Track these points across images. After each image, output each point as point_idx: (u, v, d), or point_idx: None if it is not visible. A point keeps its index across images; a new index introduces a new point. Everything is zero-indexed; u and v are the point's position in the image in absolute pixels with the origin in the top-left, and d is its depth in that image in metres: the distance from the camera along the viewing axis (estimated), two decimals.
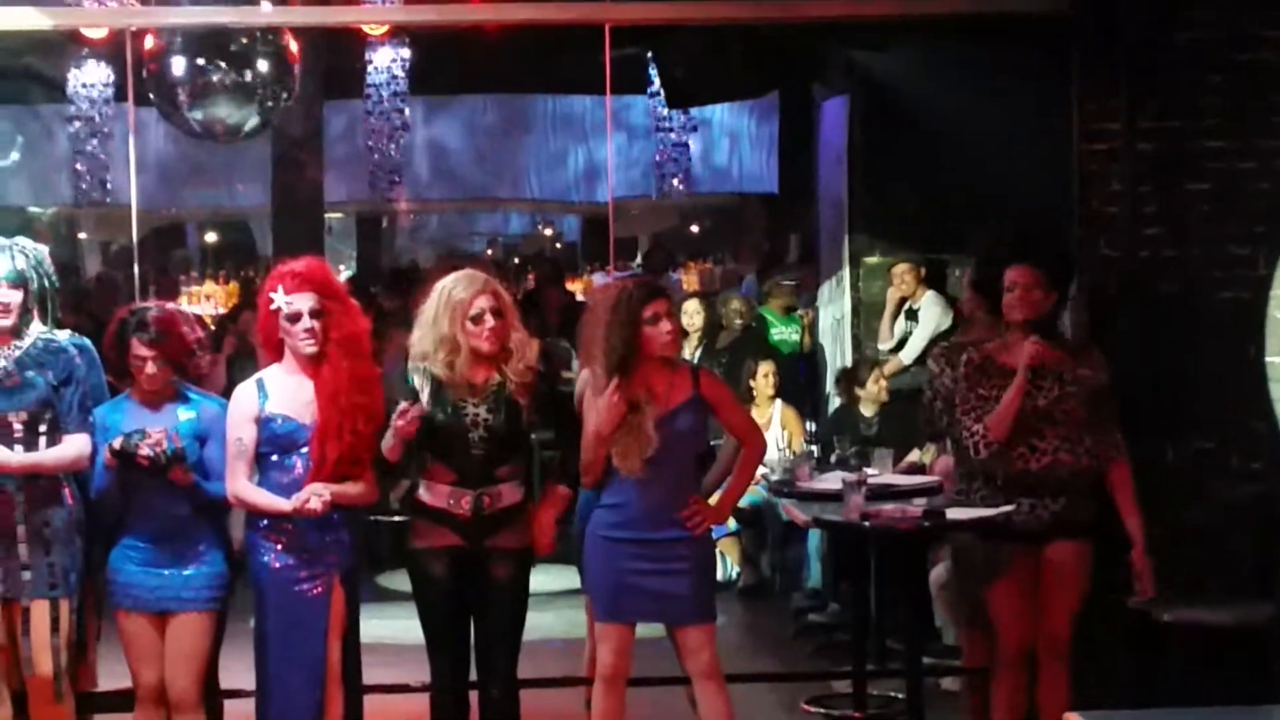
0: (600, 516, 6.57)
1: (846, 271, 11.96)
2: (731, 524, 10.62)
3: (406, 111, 15.42)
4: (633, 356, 6.42)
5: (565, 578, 9.78)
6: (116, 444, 6.27)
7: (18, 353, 6.50)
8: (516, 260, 23.11)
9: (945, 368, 6.98)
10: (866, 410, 10.32)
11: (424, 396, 6.42)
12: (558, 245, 25.24)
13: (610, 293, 6.59)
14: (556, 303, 14.97)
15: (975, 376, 6.79)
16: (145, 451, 6.23)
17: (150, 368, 6.43)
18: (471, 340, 6.39)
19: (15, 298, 6.48)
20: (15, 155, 15.74)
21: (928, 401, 7.06)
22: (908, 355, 10.88)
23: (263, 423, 6.39)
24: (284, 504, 6.32)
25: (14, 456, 6.38)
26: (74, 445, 6.50)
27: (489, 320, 6.40)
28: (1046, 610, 6.77)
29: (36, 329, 6.58)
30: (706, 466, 7.14)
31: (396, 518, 11.13)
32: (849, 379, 10.62)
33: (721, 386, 6.78)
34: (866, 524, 7.06)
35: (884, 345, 11.23)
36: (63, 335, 6.63)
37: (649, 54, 13.47)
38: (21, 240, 6.65)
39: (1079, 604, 6.80)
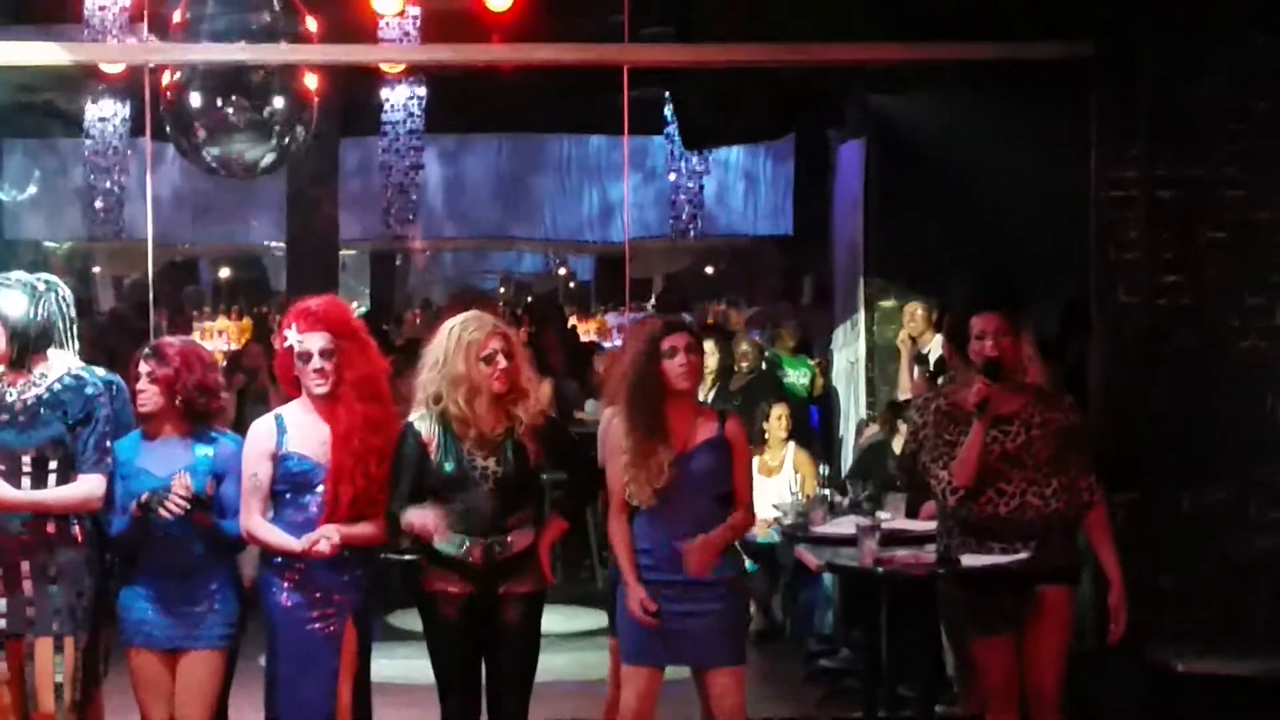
0: (637, 558, 6.54)
1: (861, 315, 11.95)
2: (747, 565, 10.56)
3: (422, 149, 15.43)
4: (651, 389, 6.43)
5: (577, 619, 9.76)
6: (143, 499, 6.24)
7: (36, 389, 6.40)
8: (529, 299, 23.13)
9: (925, 416, 6.94)
10: (897, 447, 10.20)
11: (433, 447, 6.38)
12: (571, 285, 25.27)
13: (635, 328, 6.63)
14: (560, 343, 14.98)
15: (943, 423, 6.77)
16: (167, 514, 6.20)
17: (144, 384, 6.38)
18: (484, 381, 6.36)
19: None
20: (32, 189, 15.77)
21: (912, 451, 6.98)
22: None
23: (279, 460, 6.37)
24: (294, 543, 6.29)
25: (15, 493, 6.32)
26: (84, 486, 6.40)
27: (501, 361, 6.37)
28: (1033, 659, 6.70)
29: (63, 364, 6.49)
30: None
31: (408, 556, 11.16)
32: (895, 411, 10.48)
33: (745, 439, 6.72)
34: (879, 570, 7.02)
35: (904, 396, 11.11)
36: (97, 372, 6.54)
37: (665, 95, 13.49)
38: (13, 274, 6.57)
39: (1065, 650, 6.73)
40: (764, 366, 12.33)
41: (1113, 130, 8.16)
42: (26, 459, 6.35)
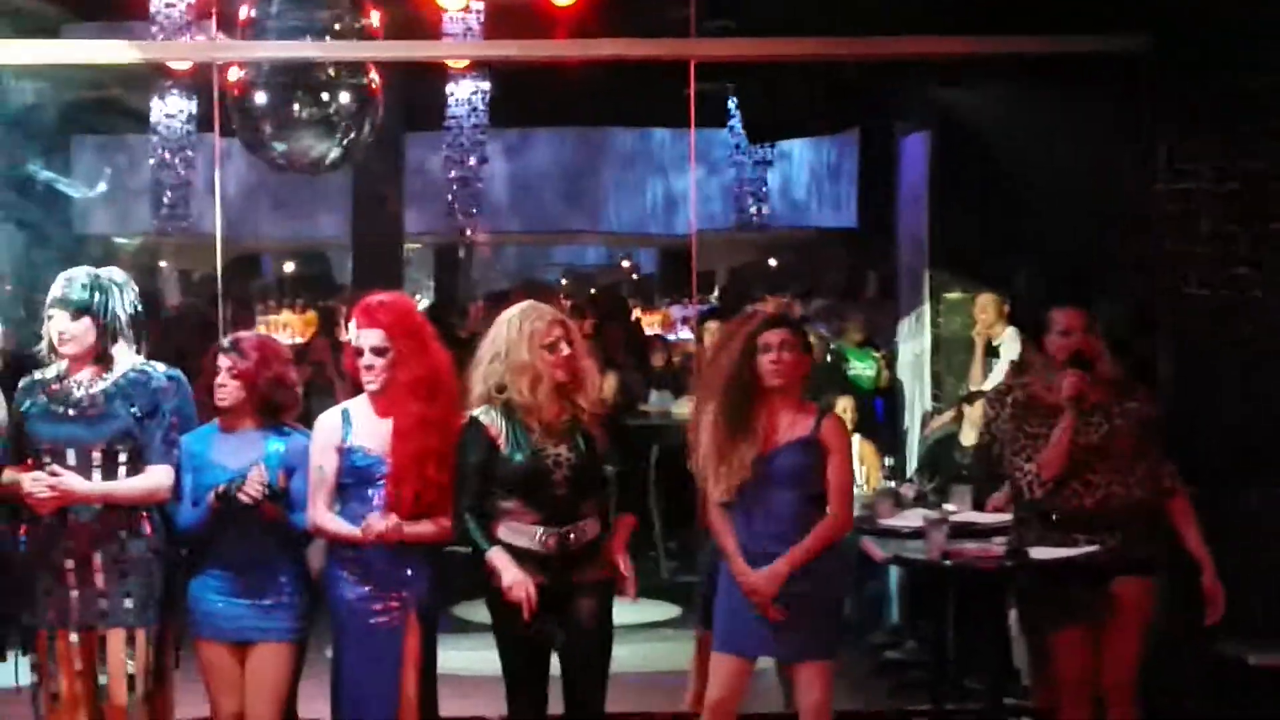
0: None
1: (927, 307, 11.91)
2: None
3: (486, 143, 15.45)
4: (742, 384, 6.45)
5: (641, 611, 9.75)
6: (221, 489, 6.29)
7: (104, 383, 6.48)
8: (592, 291, 23.13)
9: (1000, 410, 6.93)
10: (966, 439, 10.14)
11: (501, 439, 6.39)
12: (634, 277, 25.23)
13: (736, 322, 6.69)
14: (624, 336, 14.97)
15: (1022, 416, 6.78)
16: (245, 499, 6.26)
17: (224, 378, 6.44)
18: (548, 369, 6.38)
19: (76, 328, 6.45)
20: (103, 185, 15.86)
21: (985, 444, 7.01)
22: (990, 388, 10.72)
23: (344, 453, 6.41)
24: (355, 532, 6.33)
25: (84, 485, 6.38)
26: (152, 477, 6.48)
27: (564, 349, 6.40)
28: (1110, 651, 6.70)
29: (129, 360, 6.57)
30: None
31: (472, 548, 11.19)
32: (968, 401, 10.38)
33: (844, 440, 6.64)
34: (948, 563, 7.01)
35: (975, 387, 11.04)
36: (159, 367, 6.60)
37: (729, 88, 13.49)
38: (95, 269, 6.63)
39: (1144, 643, 6.72)
40: (829, 359, 12.30)
41: (1179, 122, 8.12)
42: (97, 453, 6.43)
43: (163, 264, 19.45)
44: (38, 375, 6.58)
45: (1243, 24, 8.02)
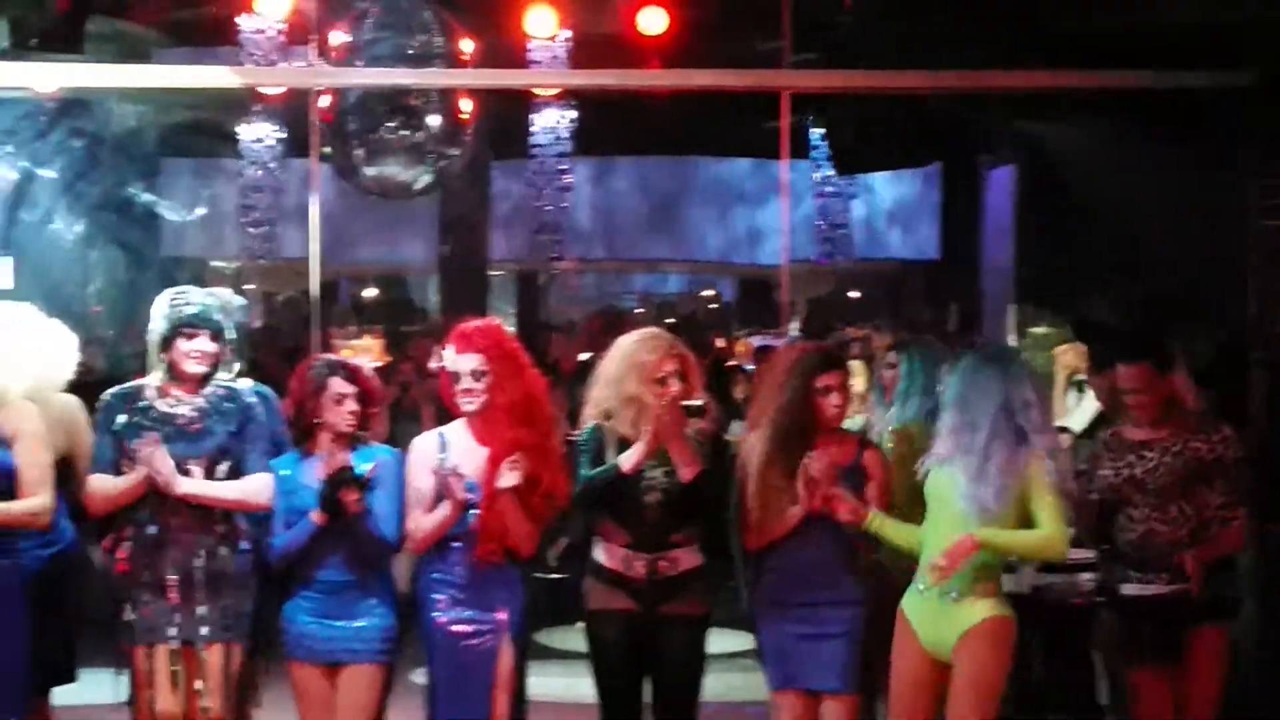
0: (766, 581, 6.55)
1: (1012, 341, 11.88)
2: None
3: (570, 171, 15.51)
4: (801, 424, 6.41)
5: (722, 641, 9.75)
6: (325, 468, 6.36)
7: (197, 401, 6.59)
8: (671, 321, 23.18)
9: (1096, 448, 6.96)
10: None
11: (609, 456, 6.44)
12: (712, 306, 25.25)
13: (787, 358, 6.62)
14: (705, 366, 15.00)
15: (1101, 453, 6.79)
16: (323, 473, 6.33)
17: (351, 404, 6.50)
18: (656, 402, 6.38)
19: (213, 348, 6.59)
20: (201, 209, 16.01)
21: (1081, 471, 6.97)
22: (1075, 424, 10.70)
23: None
24: (452, 504, 6.31)
25: (191, 483, 6.46)
26: (254, 481, 6.56)
27: (674, 384, 6.40)
28: (1186, 698, 6.66)
29: (218, 377, 6.68)
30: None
31: (554, 575, 11.23)
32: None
33: (883, 469, 6.61)
34: (1037, 597, 7.00)
35: (1058, 423, 10.98)
36: (244, 384, 6.72)
37: (814, 120, 13.51)
38: (219, 291, 6.79)
39: (1219, 691, 6.66)
40: None
41: (1272, 157, 8.09)
42: (198, 468, 6.51)
43: (248, 286, 19.63)
44: (119, 391, 6.68)
45: None
